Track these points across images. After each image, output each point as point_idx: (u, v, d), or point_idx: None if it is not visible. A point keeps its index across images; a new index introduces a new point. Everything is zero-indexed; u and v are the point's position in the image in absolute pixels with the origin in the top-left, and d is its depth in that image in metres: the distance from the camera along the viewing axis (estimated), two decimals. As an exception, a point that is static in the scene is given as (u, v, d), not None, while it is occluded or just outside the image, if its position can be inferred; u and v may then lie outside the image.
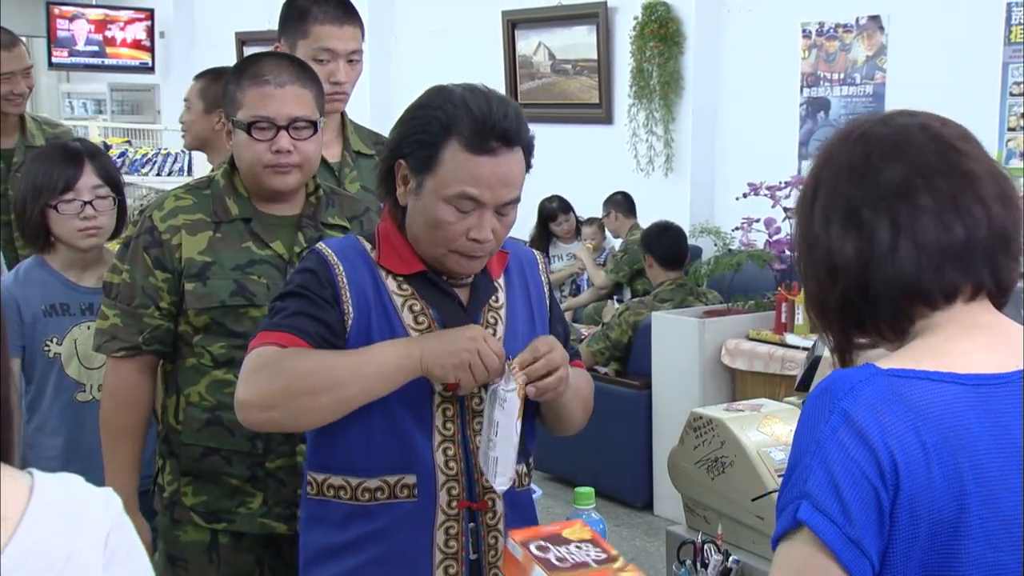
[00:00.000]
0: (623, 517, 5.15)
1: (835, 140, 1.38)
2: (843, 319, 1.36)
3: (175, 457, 2.27)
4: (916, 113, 1.38)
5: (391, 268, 1.84)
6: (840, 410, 1.22)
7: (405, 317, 1.82)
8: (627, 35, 7.04)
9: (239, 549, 2.25)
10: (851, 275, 1.31)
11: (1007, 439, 1.24)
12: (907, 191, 1.29)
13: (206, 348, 2.21)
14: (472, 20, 8.19)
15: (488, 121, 1.74)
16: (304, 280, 1.82)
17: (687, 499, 2.41)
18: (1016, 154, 5.50)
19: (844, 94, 6.25)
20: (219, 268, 2.19)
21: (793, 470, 1.25)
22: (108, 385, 2.28)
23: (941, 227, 1.28)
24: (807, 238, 1.36)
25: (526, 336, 1.92)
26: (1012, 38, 5.48)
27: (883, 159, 1.31)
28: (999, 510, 1.21)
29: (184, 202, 2.24)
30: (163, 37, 11.34)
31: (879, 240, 1.29)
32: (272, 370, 1.74)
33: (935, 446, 1.20)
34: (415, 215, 1.81)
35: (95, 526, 0.94)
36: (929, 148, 1.32)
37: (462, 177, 1.75)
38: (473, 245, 1.78)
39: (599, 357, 5.43)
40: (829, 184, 1.34)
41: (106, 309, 2.27)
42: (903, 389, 1.22)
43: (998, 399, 1.25)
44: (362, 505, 1.82)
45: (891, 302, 1.31)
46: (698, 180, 6.86)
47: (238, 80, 2.21)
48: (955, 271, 1.29)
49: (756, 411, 2.35)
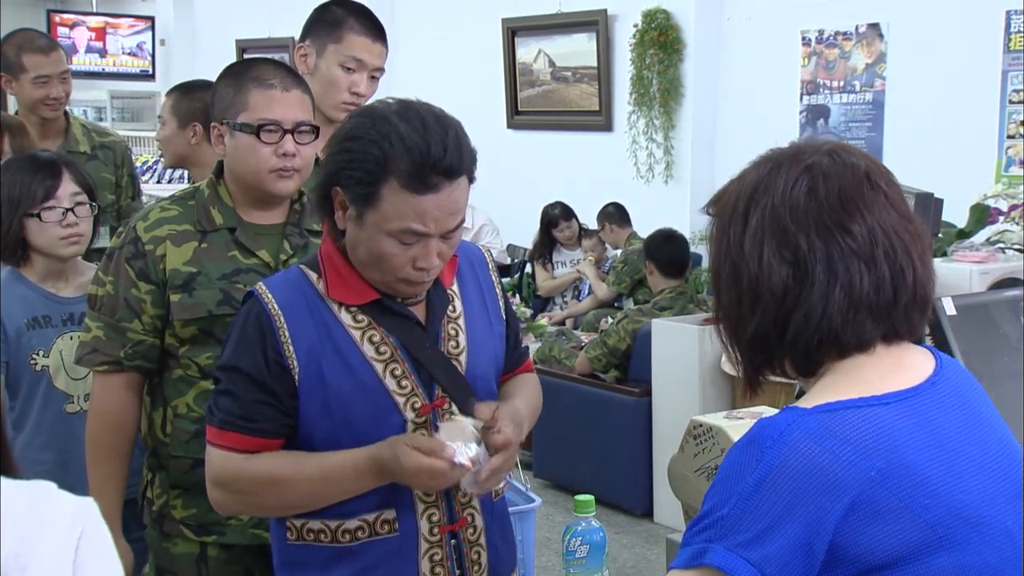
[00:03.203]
0: (623, 525, 5.14)
1: (774, 163, 1.32)
2: (752, 351, 1.33)
3: (164, 470, 2.25)
4: (857, 153, 1.34)
5: (342, 300, 1.77)
6: (767, 460, 1.18)
7: (366, 350, 1.77)
8: (627, 43, 7.05)
9: (228, 561, 2.23)
10: (772, 310, 1.28)
11: (941, 446, 1.23)
12: (850, 236, 1.26)
13: (192, 359, 2.19)
14: (472, 28, 8.20)
15: (428, 159, 1.64)
16: (247, 351, 1.75)
17: (687, 507, 2.40)
18: (1015, 161, 5.50)
19: (844, 102, 6.26)
20: (205, 278, 2.18)
21: (705, 516, 1.22)
22: (95, 404, 2.26)
23: (875, 281, 1.26)
24: (731, 256, 1.32)
25: (490, 342, 1.90)
26: (1011, 46, 5.49)
27: (829, 197, 1.27)
28: (962, 513, 1.21)
29: (170, 212, 2.22)
30: (164, 45, 11.36)
31: (815, 281, 1.26)
32: (238, 486, 1.78)
33: (880, 472, 1.17)
34: (357, 244, 1.74)
35: (60, 533, 0.93)
36: (876, 200, 1.28)
37: (404, 214, 1.66)
38: (420, 273, 1.73)
39: (597, 364, 5.43)
40: (766, 207, 1.29)
41: (89, 322, 2.24)
42: (833, 424, 1.19)
43: (922, 409, 1.25)
44: (345, 546, 1.79)
45: (806, 347, 1.28)
46: (698, 187, 6.86)
47: (238, 83, 2.19)
48: (876, 326, 1.27)
49: (756, 419, 2.34)
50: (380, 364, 1.77)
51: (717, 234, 1.36)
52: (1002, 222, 4.09)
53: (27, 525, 0.91)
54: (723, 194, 1.38)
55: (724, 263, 1.33)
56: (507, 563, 1.94)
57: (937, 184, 3.99)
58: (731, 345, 1.36)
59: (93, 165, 3.91)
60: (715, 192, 1.42)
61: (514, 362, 2.02)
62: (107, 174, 3.95)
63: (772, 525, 1.17)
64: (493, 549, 1.88)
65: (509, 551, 1.96)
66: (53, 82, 3.87)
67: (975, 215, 4.11)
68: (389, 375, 1.77)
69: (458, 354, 1.85)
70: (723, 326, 1.36)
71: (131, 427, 2.25)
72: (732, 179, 1.38)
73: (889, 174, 1.33)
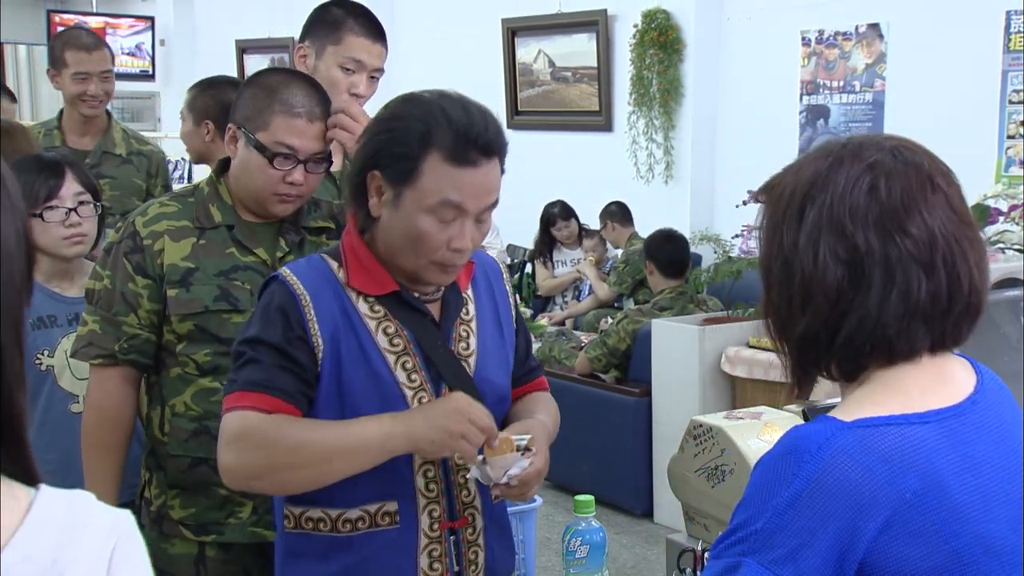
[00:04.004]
0: (623, 525, 5.15)
1: (836, 158, 1.27)
2: (801, 351, 1.29)
3: (162, 470, 2.24)
4: (919, 151, 1.29)
5: (362, 289, 1.80)
6: (804, 474, 1.16)
7: (380, 340, 1.79)
8: (627, 43, 7.05)
9: (227, 560, 2.23)
10: (824, 310, 1.24)
11: (974, 470, 1.20)
12: (910, 239, 1.22)
13: (190, 356, 2.19)
14: (472, 28, 8.20)
15: (470, 133, 1.71)
16: (271, 327, 1.76)
17: (687, 507, 2.40)
18: (1015, 161, 5.50)
19: (844, 102, 6.26)
20: (202, 274, 2.18)
21: (736, 530, 1.19)
22: (91, 398, 2.26)
23: (932, 287, 1.22)
24: (784, 252, 1.27)
25: (499, 348, 1.92)
26: (1011, 46, 5.49)
27: (891, 197, 1.23)
28: (987, 542, 1.18)
29: (169, 208, 2.23)
30: (163, 45, 11.35)
31: (872, 284, 1.22)
32: (254, 440, 1.71)
33: (914, 493, 1.15)
34: (392, 227, 1.76)
35: (96, 543, 0.94)
36: (937, 202, 1.24)
37: (443, 187, 1.71)
38: (453, 255, 1.76)
39: (596, 364, 5.43)
40: (824, 203, 1.24)
41: (86, 315, 2.25)
42: (871, 441, 1.17)
43: (960, 431, 1.22)
44: (344, 536, 1.79)
45: (857, 352, 1.24)
46: (698, 187, 6.86)
47: (267, 100, 2.15)
48: (927, 335, 1.24)
49: (756, 419, 2.34)
50: (392, 356, 1.79)
51: (768, 227, 1.31)
52: (1002, 222, 4.09)
53: (65, 534, 0.92)
54: (777, 184, 1.32)
55: (776, 259, 1.28)
56: (504, 565, 1.95)
57: (937, 184, 3.98)
58: (780, 343, 1.31)
59: (126, 169, 3.97)
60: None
61: (525, 375, 2.03)
62: (138, 180, 4.01)
63: (806, 542, 1.14)
64: (490, 551, 1.89)
65: (506, 554, 1.96)
66: (93, 79, 3.94)
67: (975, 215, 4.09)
68: (400, 367, 1.79)
69: (468, 356, 1.86)
70: (771, 323, 1.32)
71: (126, 421, 2.25)
72: (787, 168, 1.32)
73: (950, 174, 1.28)
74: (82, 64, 3.92)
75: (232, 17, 10.25)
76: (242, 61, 10.17)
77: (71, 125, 4.01)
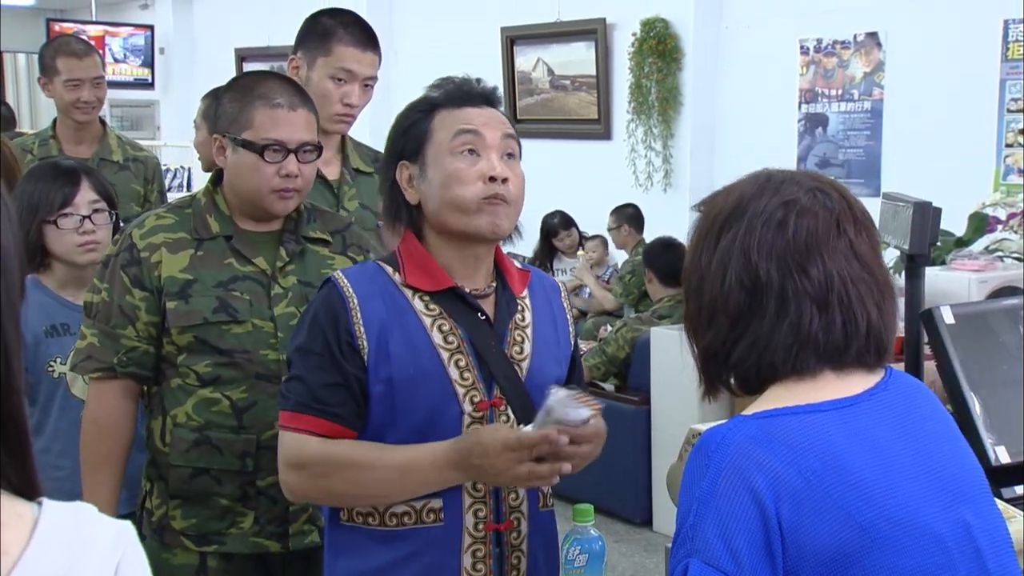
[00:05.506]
0: (622, 533, 5.14)
1: (761, 187, 1.36)
2: (704, 361, 1.40)
3: (163, 480, 2.24)
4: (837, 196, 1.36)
5: (418, 286, 1.82)
6: (715, 464, 1.24)
7: (434, 337, 1.80)
8: (626, 51, 7.06)
9: (228, 571, 2.22)
10: (724, 330, 1.34)
11: (875, 453, 1.27)
12: (807, 277, 1.30)
13: (191, 367, 2.19)
14: (471, 36, 8.20)
15: (465, 86, 1.87)
16: (318, 333, 1.79)
17: (686, 515, 2.40)
18: (1014, 170, 5.51)
19: (842, 110, 6.27)
20: (201, 286, 2.18)
21: (679, 532, 1.26)
22: (88, 411, 2.25)
23: (825, 323, 1.31)
24: (700, 269, 1.38)
25: (553, 358, 1.91)
26: (1009, 55, 5.50)
27: (796, 236, 1.32)
28: (894, 517, 1.24)
29: (165, 220, 2.23)
30: (163, 53, 11.36)
31: (766, 314, 1.31)
32: (315, 470, 1.78)
33: (815, 472, 1.22)
34: (430, 194, 1.81)
35: (102, 556, 0.93)
36: (839, 248, 1.32)
37: (454, 125, 1.81)
38: (496, 187, 1.78)
39: (596, 372, 5.43)
40: (738, 231, 1.34)
41: (84, 328, 2.24)
42: (772, 428, 1.25)
43: (857, 418, 1.29)
44: (391, 530, 1.81)
45: (746, 372, 1.34)
46: (697, 196, 6.71)
47: (243, 99, 2.18)
48: (821, 363, 1.32)
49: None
50: (446, 353, 1.80)
51: (695, 240, 1.42)
52: (1000, 231, 4.09)
53: (73, 550, 0.91)
54: (711, 201, 1.42)
55: (694, 274, 1.39)
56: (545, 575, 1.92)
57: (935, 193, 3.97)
58: (691, 348, 1.43)
59: (124, 175, 3.99)
60: (710, 193, 1.46)
61: None
62: (136, 186, 4.03)
63: (730, 528, 1.21)
64: (533, 558, 1.88)
65: (550, 565, 1.93)
66: (85, 86, 3.95)
67: (973, 224, 4.10)
68: (453, 365, 1.80)
69: (521, 360, 1.86)
70: (686, 329, 1.43)
71: (125, 434, 2.24)
72: (726, 187, 1.42)
73: (864, 221, 1.37)
74: (74, 71, 3.93)
75: (231, 25, 10.26)
76: (241, 69, 10.17)
77: (66, 133, 4.02)
